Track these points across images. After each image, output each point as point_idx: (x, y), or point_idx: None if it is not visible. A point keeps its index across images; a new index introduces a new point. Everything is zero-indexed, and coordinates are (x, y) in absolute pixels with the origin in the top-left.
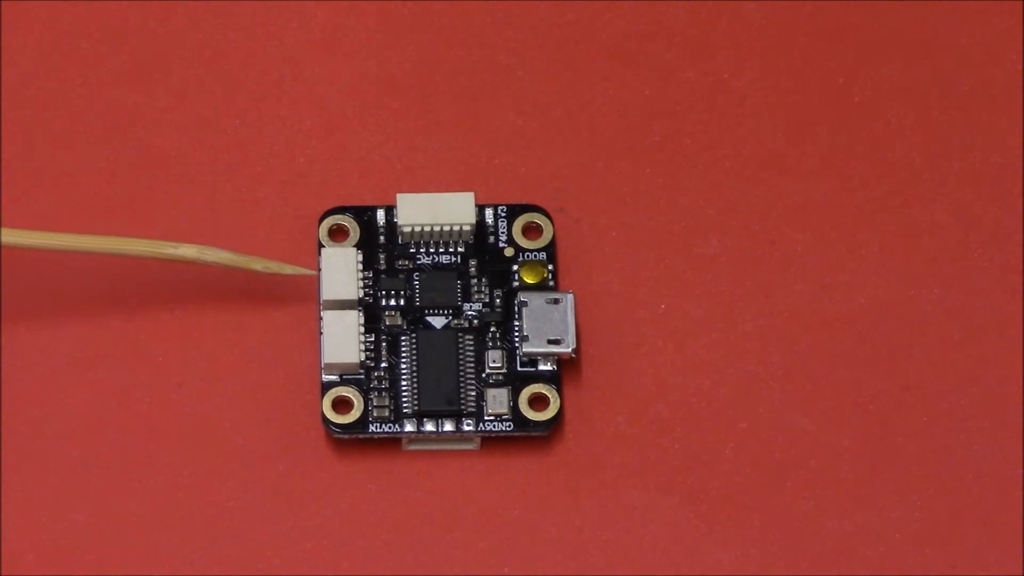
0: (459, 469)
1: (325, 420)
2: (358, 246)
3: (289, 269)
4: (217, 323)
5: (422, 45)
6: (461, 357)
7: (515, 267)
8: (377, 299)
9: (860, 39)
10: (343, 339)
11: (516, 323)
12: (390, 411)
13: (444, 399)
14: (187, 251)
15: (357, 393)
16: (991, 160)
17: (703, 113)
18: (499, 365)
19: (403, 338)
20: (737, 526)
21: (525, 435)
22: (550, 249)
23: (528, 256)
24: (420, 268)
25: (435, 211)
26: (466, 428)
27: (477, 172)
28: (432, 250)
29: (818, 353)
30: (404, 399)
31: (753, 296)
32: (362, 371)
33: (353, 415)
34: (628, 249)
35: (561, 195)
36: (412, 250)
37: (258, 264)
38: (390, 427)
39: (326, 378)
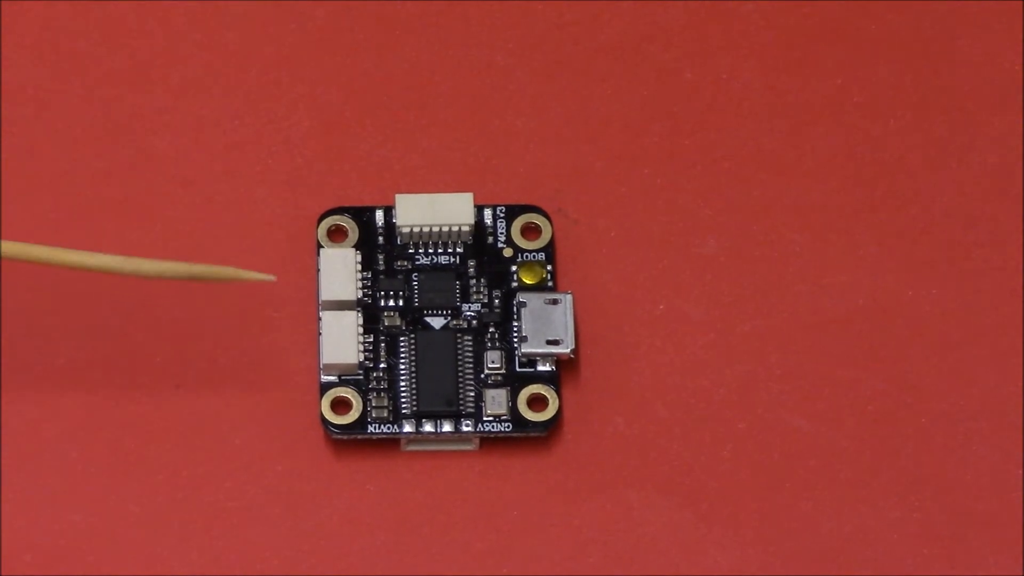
0: (458, 470)
1: (324, 421)
2: (357, 247)
3: (254, 276)
4: (215, 324)
5: (421, 45)
6: (460, 358)
7: (514, 268)
8: (376, 300)
9: (859, 39)
10: (342, 340)
11: (515, 324)
12: (389, 412)
13: (443, 400)
14: (149, 268)
15: (356, 394)
16: (990, 160)
17: (702, 114)
18: (498, 366)
19: (402, 339)
20: (736, 526)
21: (524, 436)
22: (549, 250)
23: (527, 257)
24: (419, 269)
25: (434, 212)
26: (465, 429)
27: (476, 172)
28: (431, 251)
29: (817, 353)
30: (403, 400)
31: (751, 296)
32: (361, 372)
33: (352, 416)
34: (627, 249)
35: (560, 195)
36: (411, 251)
37: (216, 273)
38: (389, 428)
39: (325, 379)
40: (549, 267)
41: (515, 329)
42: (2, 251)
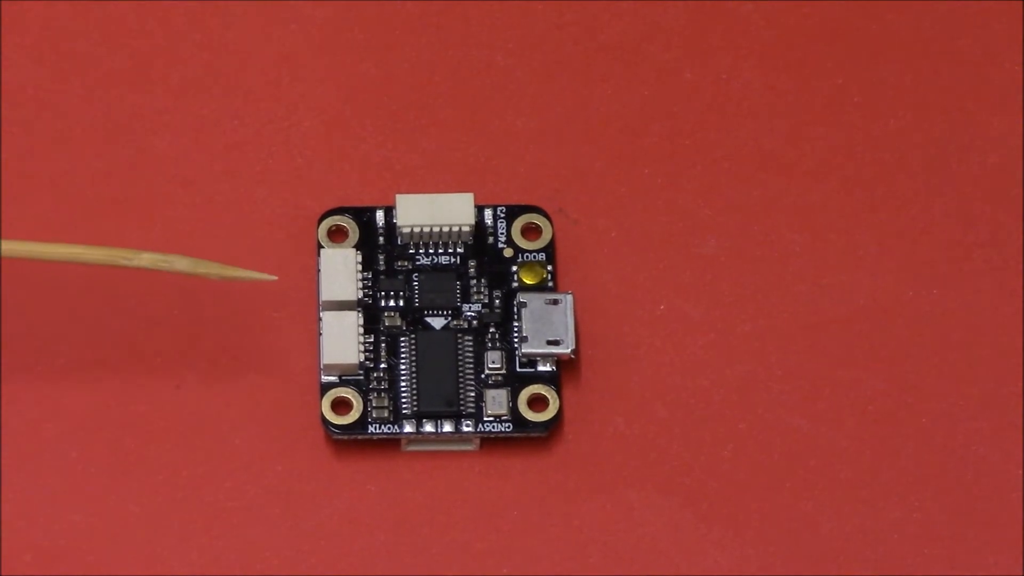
0: (458, 470)
1: (324, 421)
2: (357, 247)
3: (255, 276)
4: (215, 324)
5: (421, 45)
6: (460, 358)
7: (514, 268)
8: (376, 300)
9: (859, 39)
10: (342, 340)
11: (515, 324)
12: (389, 412)
13: (443, 400)
14: (144, 260)
15: (356, 394)
16: (990, 160)
17: (702, 114)
18: (498, 366)
19: (402, 339)
20: (736, 526)
21: (524, 436)
22: (549, 250)
23: (527, 257)
24: (419, 269)
25: (434, 212)
26: (465, 429)
27: (476, 173)
28: (431, 251)
29: (817, 353)
30: (403, 400)
31: (752, 297)
32: (361, 372)
33: (352, 416)
34: (627, 250)
35: (560, 196)
36: (411, 251)
37: (217, 270)
38: (389, 428)
39: (325, 379)
40: (549, 267)
41: (515, 329)
42: (1, 250)
